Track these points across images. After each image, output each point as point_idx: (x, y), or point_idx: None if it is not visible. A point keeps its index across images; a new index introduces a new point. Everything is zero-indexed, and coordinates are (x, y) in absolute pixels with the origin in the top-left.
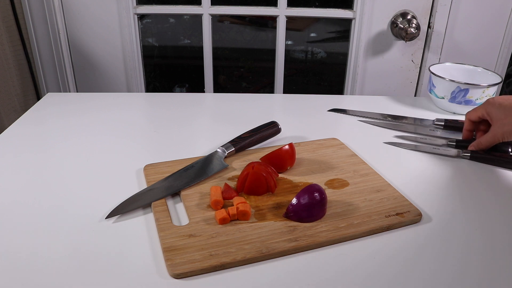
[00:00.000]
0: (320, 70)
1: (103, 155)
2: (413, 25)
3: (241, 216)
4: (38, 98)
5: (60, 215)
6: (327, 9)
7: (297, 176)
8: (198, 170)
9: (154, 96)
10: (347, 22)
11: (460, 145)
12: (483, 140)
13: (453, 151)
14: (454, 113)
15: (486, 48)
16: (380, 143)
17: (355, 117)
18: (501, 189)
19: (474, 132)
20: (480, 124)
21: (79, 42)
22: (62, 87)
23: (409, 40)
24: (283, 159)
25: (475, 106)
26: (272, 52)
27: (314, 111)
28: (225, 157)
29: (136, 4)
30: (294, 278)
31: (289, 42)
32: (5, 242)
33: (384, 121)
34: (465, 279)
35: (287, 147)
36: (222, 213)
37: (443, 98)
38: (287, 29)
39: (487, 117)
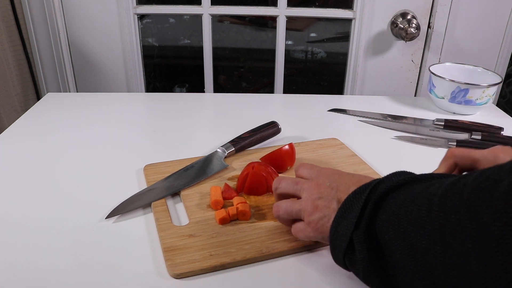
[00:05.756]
0: (320, 70)
1: (103, 155)
2: (413, 25)
3: (241, 216)
4: (38, 98)
5: (60, 215)
6: (327, 9)
7: None
8: (198, 170)
9: (154, 96)
10: (347, 22)
11: (461, 145)
12: None
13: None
14: (454, 113)
15: (486, 48)
16: (380, 143)
17: (355, 117)
18: None
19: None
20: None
21: (79, 42)
22: (62, 87)
23: (409, 40)
24: (283, 159)
25: (475, 107)
26: (272, 52)
27: (314, 111)
28: (225, 157)
29: (136, 4)
30: (294, 278)
31: (289, 42)
32: (4, 242)
33: (384, 121)
34: None
35: (287, 147)
36: (222, 213)
37: (443, 98)
38: (287, 29)
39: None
